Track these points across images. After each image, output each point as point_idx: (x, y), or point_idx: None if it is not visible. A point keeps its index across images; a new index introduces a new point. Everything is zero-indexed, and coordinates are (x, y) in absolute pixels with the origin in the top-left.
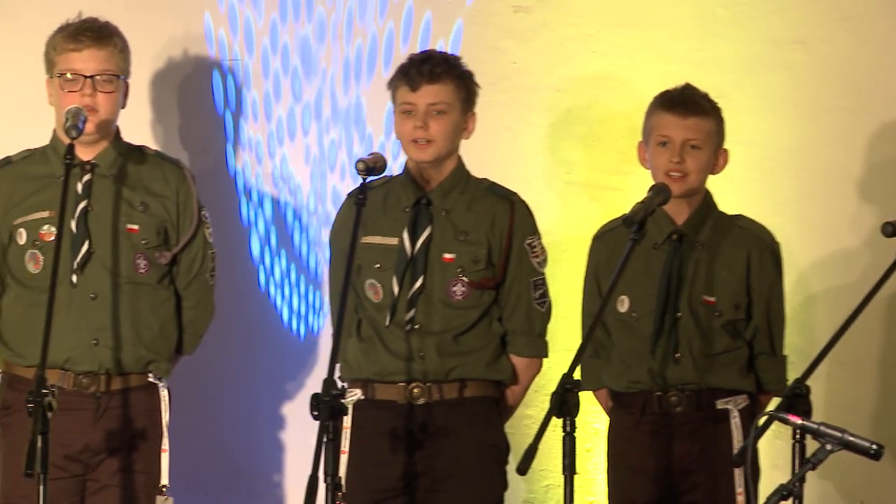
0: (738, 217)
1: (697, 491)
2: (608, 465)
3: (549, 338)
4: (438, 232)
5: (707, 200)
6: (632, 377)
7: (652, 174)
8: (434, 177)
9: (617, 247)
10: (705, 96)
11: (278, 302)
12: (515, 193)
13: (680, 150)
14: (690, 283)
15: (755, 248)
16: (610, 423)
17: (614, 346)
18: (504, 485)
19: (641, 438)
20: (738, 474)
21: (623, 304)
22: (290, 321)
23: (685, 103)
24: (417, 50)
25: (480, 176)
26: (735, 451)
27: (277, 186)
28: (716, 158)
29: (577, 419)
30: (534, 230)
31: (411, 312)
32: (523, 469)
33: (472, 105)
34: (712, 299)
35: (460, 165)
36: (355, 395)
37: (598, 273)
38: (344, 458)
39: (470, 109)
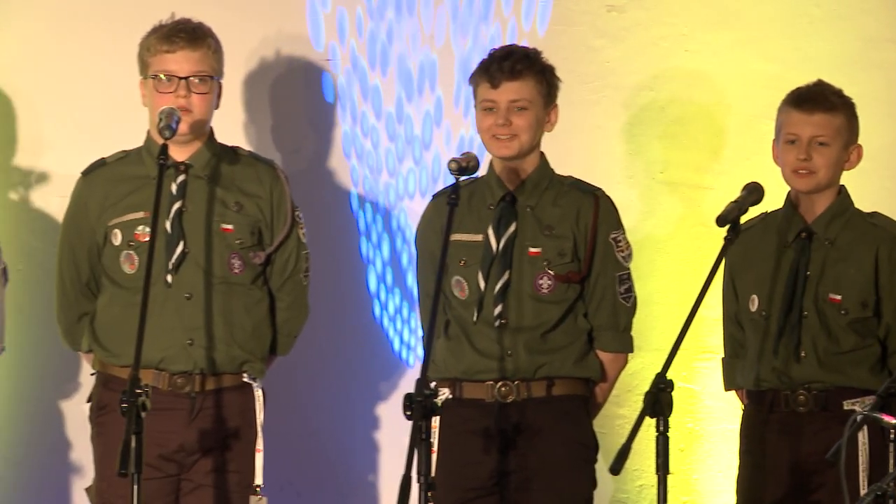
0: (873, 214)
1: (822, 490)
2: (739, 462)
3: (642, 337)
4: (523, 227)
5: (842, 198)
6: (759, 375)
7: (781, 172)
8: (518, 173)
9: (750, 246)
10: (837, 92)
11: (388, 323)
12: (600, 188)
13: (807, 147)
14: (817, 282)
15: (884, 244)
16: (742, 421)
17: (747, 345)
18: (593, 483)
19: (769, 436)
20: (864, 475)
21: (753, 304)
22: (399, 348)
23: (812, 99)
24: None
25: (572, 174)
26: (861, 452)
27: (369, 187)
28: (847, 154)
29: (670, 419)
30: (618, 224)
31: (499, 307)
32: (616, 469)
33: (553, 98)
34: (838, 297)
35: (544, 162)
36: (444, 394)
37: (732, 273)
38: (434, 458)
39: (551, 103)
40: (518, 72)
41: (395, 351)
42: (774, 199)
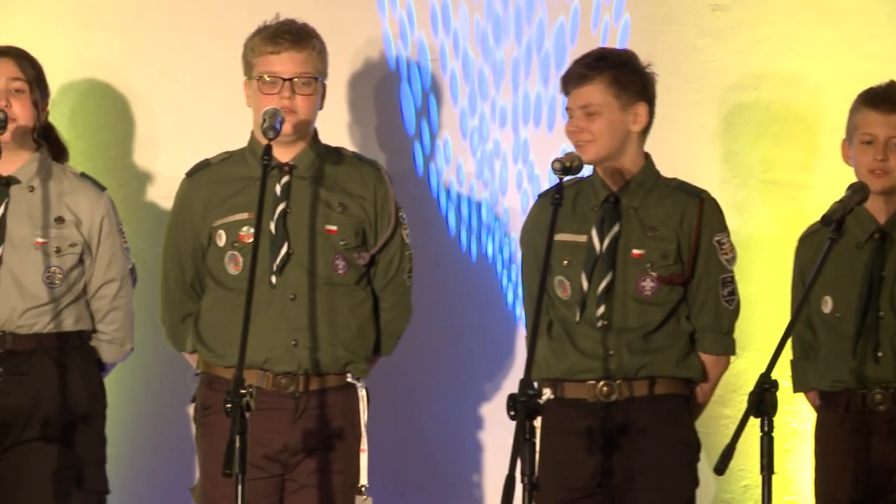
0: None
1: None
2: (815, 464)
3: (745, 338)
4: (627, 229)
5: None
6: (835, 376)
7: (855, 172)
8: (622, 174)
9: (821, 248)
10: None
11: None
12: (704, 191)
13: (883, 148)
14: (892, 283)
15: None
16: (816, 422)
17: (820, 347)
18: (695, 482)
19: (845, 436)
20: None
21: (826, 305)
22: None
23: (889, 100)
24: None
25: (675, 175)
26: None
27: (473, 187)
28: None
29: (774, 419)
30: (723, 227)
31: (602, 308)
32: (721, 469)
33: (633, 97)
34: None
35: (649, 163)
36: (546, 394)
37: (804, 275)
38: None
39: (631, 102)
40: (584, 76)
41: (489, 340)
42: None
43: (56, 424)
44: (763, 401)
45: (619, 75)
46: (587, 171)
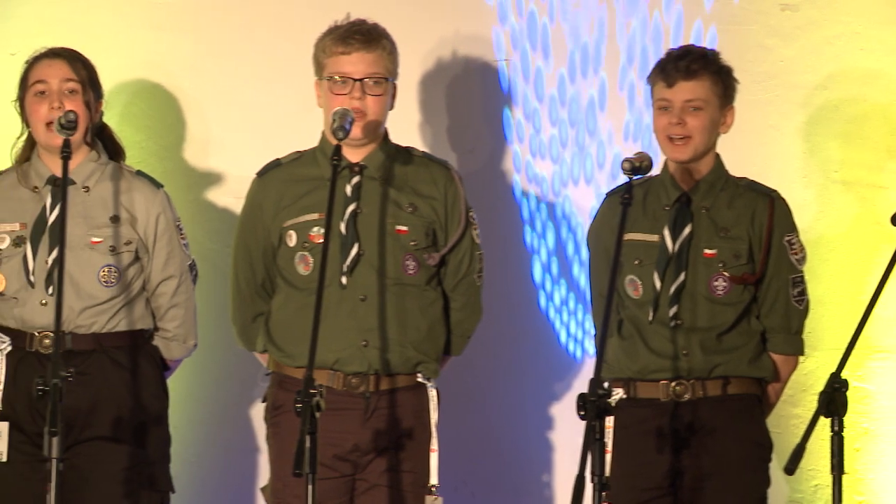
0: None
1: None
2: None
3: (815, 337)
4: (698, 229)
5: None
6: None
7: None
8: (692, 174)
9: None
10: None
11: (554, 315)
12: (775, 190)
13: None
14: None
15: None
16: None
17: None
18: (767, 482)
19: None
20: None
21: None
22: (566, 340)
23: None
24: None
25: (745, 174)
26: None
27: (543, 187)
28: None
29: (845, 418)
30: (793, 227)
31: (674, 308)
32: (791, 469)
33: (730, 100)
34: None
35: (719, 163)
36: (618, 394)
37: None
38: (608, 458)
39: (728, 104)
40: (693, 71)
41: (561, 344)
42: None
43: (118, 424)
44: (833, 400)
45: (723, 75)
46: (655, 169)
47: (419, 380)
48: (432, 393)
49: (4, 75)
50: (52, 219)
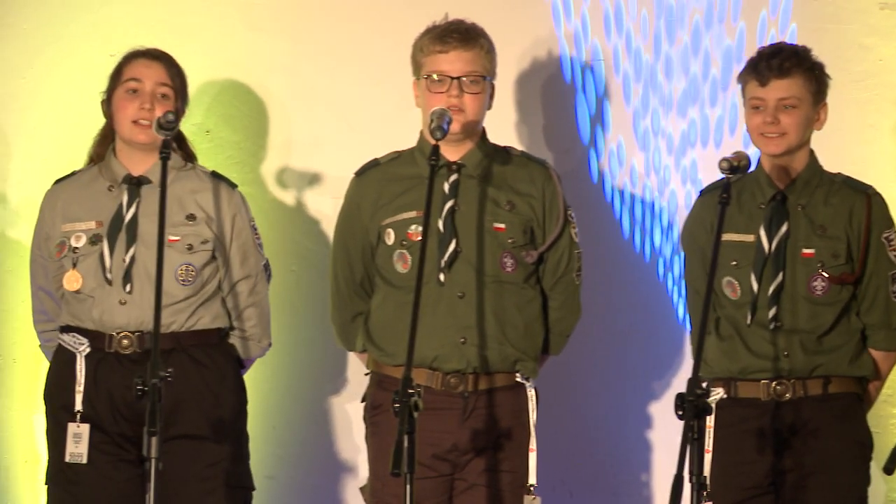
0: None
1: None
2: None
3: None
4: (795, 227)
5: None
6: None
7: None
8: (788, 172)
9: None
10: None
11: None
12: (871, 186)
13: None
14: None
15: None
16: None
17: None
18: (868, 481)
19: None
20: None
21: None
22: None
23: None
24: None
25: (842, 172)
26: None
27: (642, 185)
28: None
29: None
30: (890, 223)
31: (773, 310)
32: (890, 469)
33: (823, 97)
34: None
35: (813, 160)
36: (718, 393)
37: None
38: (708, 457)
39: (821, 101)
40: (787, 70)
41: (659, 341)
42: None
43: (200, 422)
44: None
45: (815, 72)
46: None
47: (518, 379)
48: (531, 393)
49: (103, 76)
50: (128, 217)
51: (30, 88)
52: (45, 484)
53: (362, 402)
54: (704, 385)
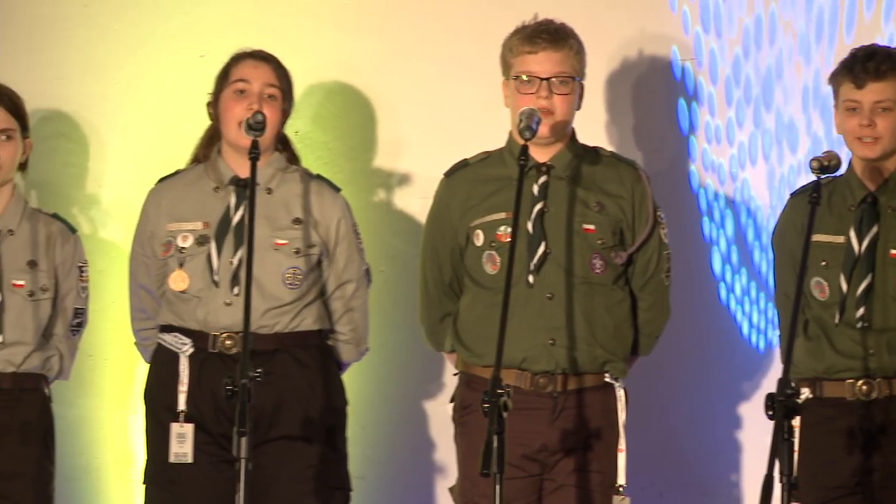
0: None
1: None
2: None
3: None
4: (885, 229)
5: None
6: None
7: None
8: (881, 172)
9: None
10: None
11: (736, 306)
12: None
13: None
14: None
15: None
16: None
17: None
18: None
19: None
20: None
21: None
22: (749, 332)
23: None
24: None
25: None
26: None
27: (731, 186)
28: None
29: None
30: None
31: (861, 310)
32: None
33: None
34: None
35: None
36: (804, 393)
37: None
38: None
39: None
40: (883, 72)
41: (744, 336)
42: None
43: (302, 423)
44: None
45: None
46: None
47: (607, 379)
48: (620, 393)
49: (194, 76)
50: (236, 219)
51: (121, 89)
52: (143, 484)
53: (451, 402)
54: (793, 385)
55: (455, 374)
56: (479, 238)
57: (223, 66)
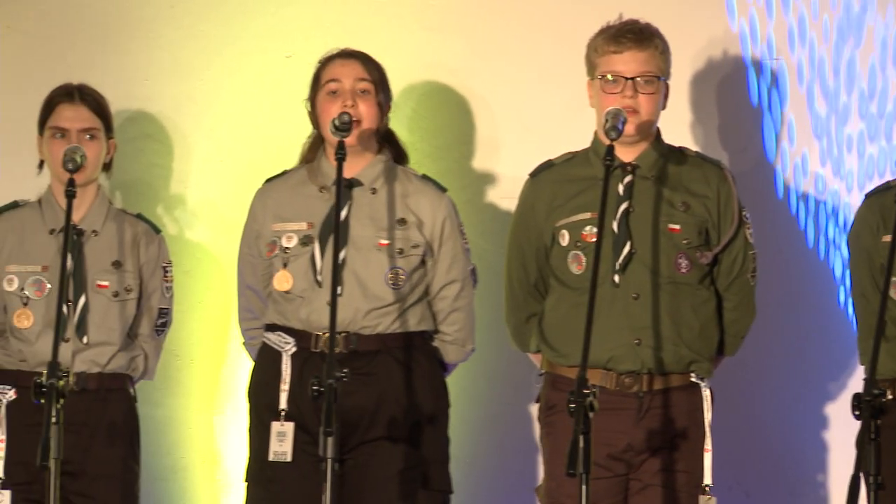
0: None
1: None
2: None
3: None
4: None
5: None
6: None
7: None
8: None
9: None
10: None
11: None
12: None
13: None
14: None
15: None
16: None
17: None
18: None
19: None
20: None
21: None
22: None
23: None
24: None
25: None
26: None
27: (818, 185)
28: None
29: None
30: None
31: None
32: None
33: None
34: None
35: None
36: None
37: None
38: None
39: None
40: None
41: (827, 335)
42: None
43: (401, 424)
44: None
45: None
46: None
47: (692, 379)
48: (706, 392)
49: (280, 77)
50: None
51: (207, 90)
52: (245, 481)
53: (536, 402)
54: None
55: (540, 375)
56: (565, 238)
57: (315, 71)
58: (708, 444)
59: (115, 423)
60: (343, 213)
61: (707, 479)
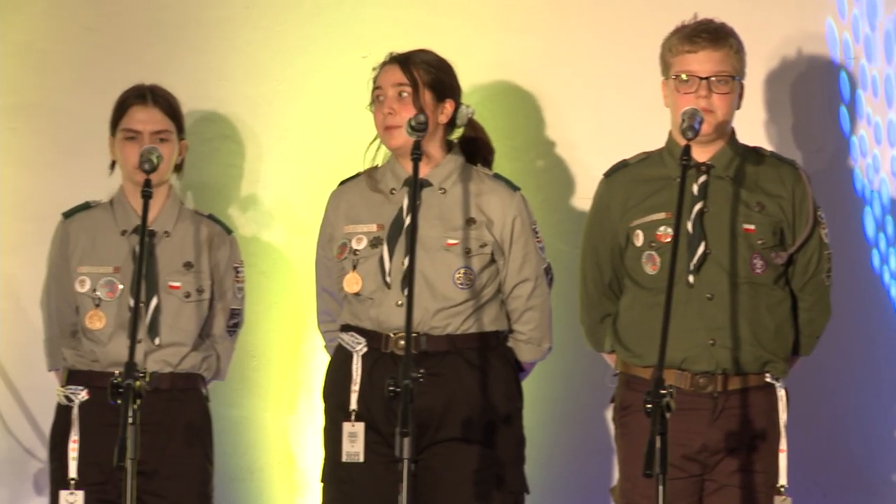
0: None
1: None
2: None
3: None
4: None
5: None
6: None
7: None
8: None
9: None
10: None
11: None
12: None
13: None
14: None
15: None
16: None
17: None
18: None
19: None
20: None
21: None
22: None
23: None
24: None
25: None
26: None
27: (892, 188)
28: None
29: None
30: None
31: None
32: None
33: None
34: None
35: None
36: None
37: None
38: None
39: None
40: None
41: None
42: None
43: (474, 425)
44: None
45: None
46: None
47: (767, 380)
48: (781, 393)
49: (356, 78)
50: (408, 221)
51: (283, 91)
52: (321, 482)
53: (611, 402)
54: None
55: (614, 375)
56: (639, 238)
57: (373, 77)
58: (783, 445)
59: (190, 423)
60: (412, 215)
61: (782, 480)
